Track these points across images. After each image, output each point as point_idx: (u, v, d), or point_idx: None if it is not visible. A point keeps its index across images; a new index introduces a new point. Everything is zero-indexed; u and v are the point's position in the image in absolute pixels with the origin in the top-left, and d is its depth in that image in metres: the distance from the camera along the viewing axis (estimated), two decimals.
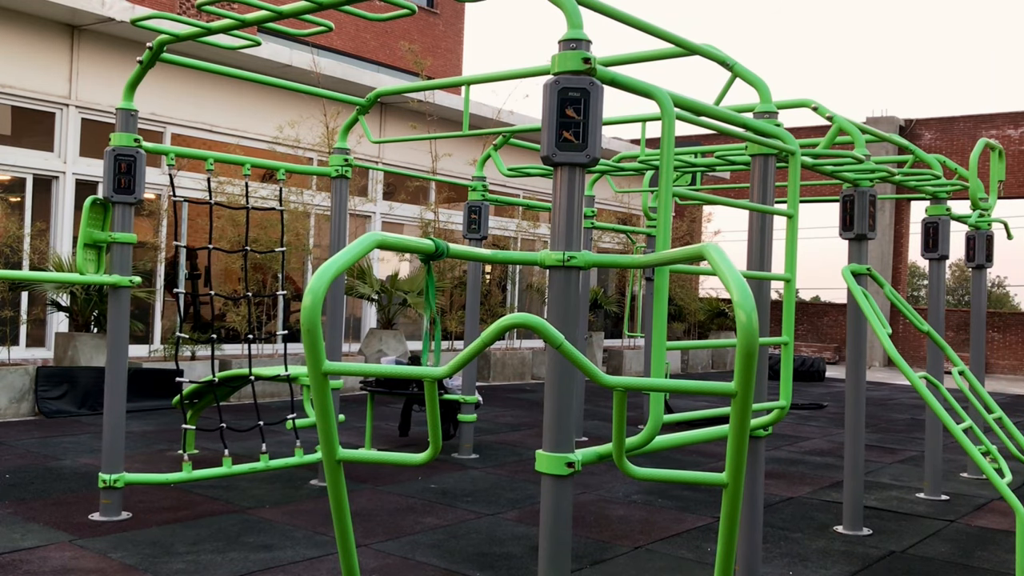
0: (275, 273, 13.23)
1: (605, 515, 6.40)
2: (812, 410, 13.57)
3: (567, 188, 3.24)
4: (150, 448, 8.26)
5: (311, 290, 2.32)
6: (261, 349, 13.17)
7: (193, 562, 4.97)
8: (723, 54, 4.49)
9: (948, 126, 24.05)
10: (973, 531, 6.38)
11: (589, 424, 10.69)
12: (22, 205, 12.18)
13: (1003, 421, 6.23)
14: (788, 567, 5.35)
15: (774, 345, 4.21)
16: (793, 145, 4.37)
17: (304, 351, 2.38)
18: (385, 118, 16.42)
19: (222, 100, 14.02)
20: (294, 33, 5.72)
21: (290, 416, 6.85)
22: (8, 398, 9.76)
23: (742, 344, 2.28)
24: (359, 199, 15.69)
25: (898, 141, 6.80)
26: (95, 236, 5.86)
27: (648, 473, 3.27)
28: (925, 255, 7.74)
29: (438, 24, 23.57)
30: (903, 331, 22.74)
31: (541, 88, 3.22)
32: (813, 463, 8.90)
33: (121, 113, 5.85)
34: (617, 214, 20.23)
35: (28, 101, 12.20)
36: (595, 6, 3.64)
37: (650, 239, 11.00)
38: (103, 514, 5.79)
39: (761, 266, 4.48)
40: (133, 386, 7.99)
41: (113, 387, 5.86)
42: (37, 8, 11.80)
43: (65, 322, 11.83)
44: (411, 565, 5.07)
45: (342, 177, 7.08)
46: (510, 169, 8.40)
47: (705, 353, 20.03)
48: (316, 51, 15.03)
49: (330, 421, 2.47)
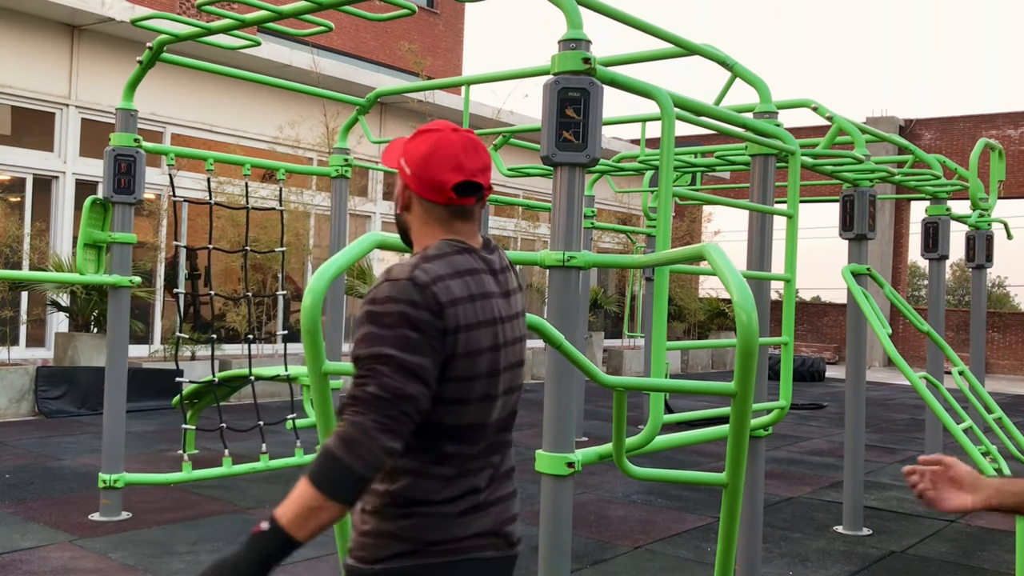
0: (275, 273, 13.23)
1: (605, 515, 6.40)
2: (812, 410, 13.57)
3: (567, 188, 3.24)
4: (150, 448, 8.26)
5: (311, 290, 2.32)
6: (261, 349, 13.17)
7: (193, 562, 4.97)
8: (723, 54, 4.49)
9: (948, 126, 24.05)
10: (973, 531, 6.38)
11: (589, 424, 10.69)
12: (22, 205, 12.17)
13: (1003, 421, 6.23)
14: (788, 567, 5.35)
15: (774, 345, 4.21)
16: (793, 145, 4.37)
17: (304, 351, 2.38)
18: (385, 118, 16.42)
19: (222, 100, 14.02)
20: (294, 33, 5.72)
21: (290, 416, 6.85)
22: (8, 398, 9.76)
23: (742, 344, 2.28)
24: (359, 199, 15.69)
25: (898, 141, 6.80)
26: (95, 236, 5.86)
27: (648, 473, 3.28)
28: (925, 255, 7.74)
29: (438, 24, 23.57)
30: (903, 331, 22.74)
31: (541, 88, 3.21)
32: (813, 463, 8.90)
33: (121, 113, 5.84)
34: (617, 214, 20.23)
35: (28, 101, 12.20)
36: (595, 6, 3.64)
37: (650, 239, 11.00)
38: (103, 514, 5.79)
39: (761, 266, 4.48)
40: (133, 386, 7.99)
41: (113, 387, 5.86)
42: (37, 8, 11.79)
43: (65, 322, 11.83)
44: None
45: (342, 177, 7.08)
46: (510, 169, 8.40)
47: (705, 353, 20.02)
48: (316, 51, 15.03)
49: (330, 421, 2.47)
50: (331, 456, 1.66)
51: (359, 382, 1.72)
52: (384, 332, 1.73)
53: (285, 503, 1.69)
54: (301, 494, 1.67)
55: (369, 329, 1.75)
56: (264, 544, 1.66)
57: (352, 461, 1.65)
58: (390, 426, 1.69)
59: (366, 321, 1.76)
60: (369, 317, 1.76)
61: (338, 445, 1.66)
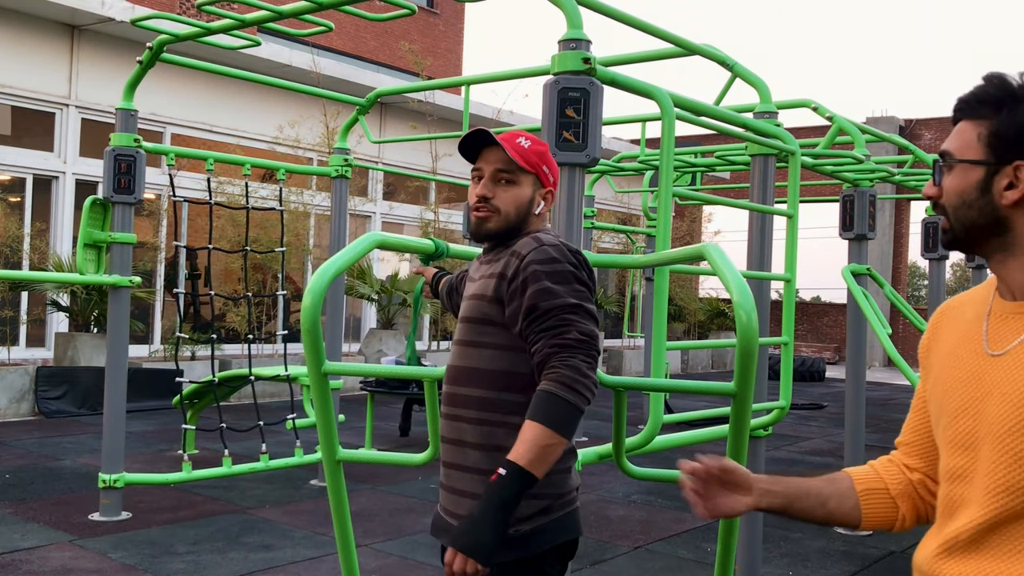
0: (275, 273, 13.22)
1: (605, 515, 6.40)
2: (812, 410, 13.57)
3: (567, 188, 3.24)
4: (150, 448, 8.26)
5: (311, 290, 2.32)
6: (261, 349, 13.17)
7: (193, 562, 4.97)
8: (723, 54, 4.49)
9: (948, 126, 23.97)
10: None
11: (589, 424, 10.68)
12: (22, 205, 12.17)
13: None
14: (788, 567, 5.35)
15: (774, 345, 4.21)
16: (793, 145, 4.37)
17: (304, 351, 2.38)
18: (385, 118, 16.42)
19: (222, 100, 14.02)
20: (294, 33, 5.72)
21: (290, 416, 6.85)
22: (8, 398, 9.76)
23: (742, 344, 2.28)
24: (359, 199, 15.68)
25: (898, 141, 6.80)
26: (95, 236, 5.86)
27: (648, 473, 3.28)
28: (925, 255, 7.74)
29: (438, 24, 23.57)
30: (903, 331, 22.73)
31: (541, 88, 3.21)
32: (813, 463, 8.90)
33: (121, 113, 5.84)
34: (617, 214, 20.22)
35: (28, 101, 12.20)
36: (595, 6, 3.64)
37: (650, 239, 10.99)
38: (103, 514, 5.79)
39: (761, 266, 4.48)
40: (133, 386, 7.99)
41: (113, 387, 5.86)
42: (37, 8, 11.79)
43: (65, 322, 11.83)
44: (411, 565, 5.07)
45: (342, 177, 7.08)
46: None
47: (705, 353, 20.02)
48: (316, 51, 15.02)
49: (330, 421, 2.47)
50: (556, 398, 1.95)
51: (561, 330, 2.01)
52: (561, 287, 2.06)
53: (517, 448, 1.93)
54: (535, 436, 1.93)
55: (546, 284, 2.05)
56: (507, 486, 1.91)
57: (577, 399, 1.95)
58: (593, 364, 2.01)
59: (542, 278, 2.06)
60: (545, 276, 2.07)
61: (560, 388, 1.95)
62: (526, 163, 2.21)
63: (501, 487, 1.91)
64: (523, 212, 2.23)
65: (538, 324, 2.03)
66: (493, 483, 1.92)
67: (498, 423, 2.11)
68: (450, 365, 2.25)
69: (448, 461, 2.22)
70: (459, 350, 2.22)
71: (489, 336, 2.15)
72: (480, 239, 2.28)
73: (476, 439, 2.14)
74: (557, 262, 2.07)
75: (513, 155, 2.20)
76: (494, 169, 2.23)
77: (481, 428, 2.13)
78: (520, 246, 2.14)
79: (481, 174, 2.25)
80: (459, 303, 2.46)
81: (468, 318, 2.20)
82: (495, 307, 2.13)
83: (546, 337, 2.01)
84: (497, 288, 2.13)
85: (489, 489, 1.93)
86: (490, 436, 2.12)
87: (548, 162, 2.28)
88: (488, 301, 2.15)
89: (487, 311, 2.15)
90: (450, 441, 2.21)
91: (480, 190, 2.23)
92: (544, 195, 2.27)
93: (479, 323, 2.17)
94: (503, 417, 2.11)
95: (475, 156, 2.27)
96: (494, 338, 2.14)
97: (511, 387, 2.12)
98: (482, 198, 2.22)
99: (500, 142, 2.21)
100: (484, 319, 2.15)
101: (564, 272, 2.06)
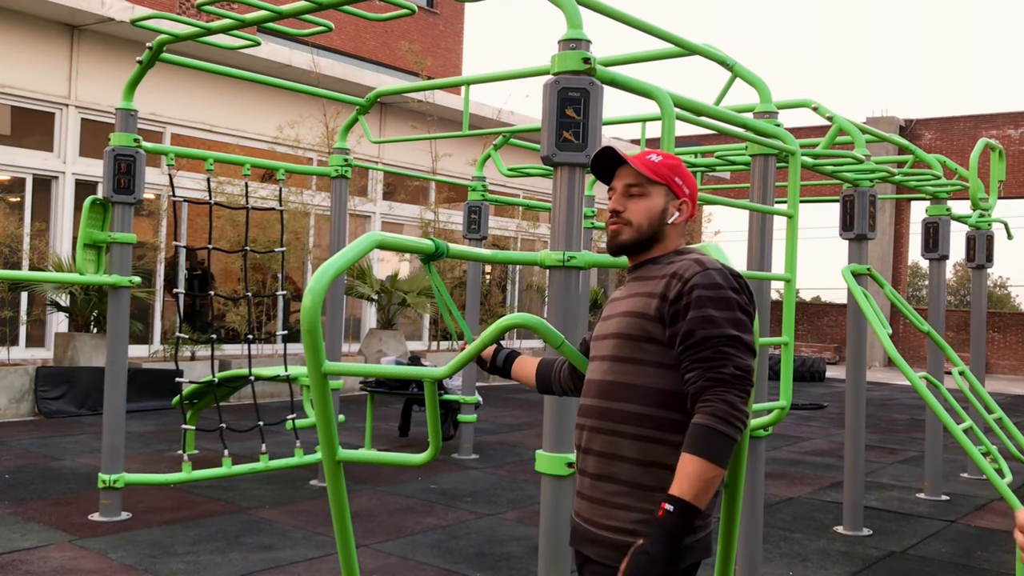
0: (275, 273, 13.22)
1: None
2: (812, 410, 13.56)
3: (567, 188, 3.24)
4: (150, 448, 8.26)
5: (311, 290, 2.31)
6: (261, 349, 13.17)
7: (193, 562, 4.97)
8: (723, 54, 4.49)
9: (948, 126, 24.04)
10: (973, 531, 6.38)
11: None
12: (22, 205, 12.17)
13: (1003, 421, 6.23)
14: (788, 567, 5.35)
15: (774, 345, 4.21)
16: (793, 145, 4.36)
17: (304, 351, 2.38)
18: (385, 118, 16.42)
19: (222, 100, 14.02)
20: (294, 33, 5.71)
21: (290, 416, 6.84)
22: (8, 398, 9.76)
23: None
24: (359, 199, 15.68)
25: (898, 141, 6.80)
26: (95, 236, 5.85)
27: None
28: (925, 255, 7.74)
29: (438, 24, 23.56)
30: (903, 331, 22.73)
31: (541, 88, 3.21)
32: (813, 463, 8.89)
33: (121, 113, 5.84)
34: None
35: (28, 101, 12.20)
36: (595, 6, 3.63)
37: None
38: (103, 514, 5.79)
39: (761, 266, 4.48)
40: (133, 386, 7.99)
41: (113, 387, 5.86)
42: (37, 8, 11.79)
43: (65, 322, 11.82)
44: (411, 565, 5.07)
45: (342, 177, 7.08)
46: (510, 169, 8.40)
47: None
48: (316, 51, 15.02)
49: (330, 421, 2.46)
50: (714, 432, 2.00)
51: (717, 364, 2.05)
52: (722, 314, 2.09)
53: (679, 483, 2.00)
54: (698, 470, 1.99)
55: (709, 312, 2.07)
56: (677, 521, 1.98)
57: (732, 432, 2.01)
58: (746, 398, 2.07)
59: (706, 304, 2.08)
60: (709, 301, 2.09)
61: (717, 422, 2.01)
62: (655, 175, 2.26)
63: (672, 522, 1.98)
64: (655, 222, 2.27)
65: (694, 352, 2.07)
66: (661, 518, 1.99)
67: (658, 440, 2.14)
68: (599, 380, 2.25)
69: (595, 473, 2.22)
70: (612, 365, 2.22)
71: (649, 354, 2.16)
72: (615, 252, 2.32)
73: (634, 454, 2.15)
74: (720, 288, 2.10)
75: (641, 168, 2.25)
76: (624, 184, 2.29)
77: (640, 444, 2.15)
78: (682, 268, 2.15)
79: (615, 192, 2.32)
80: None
81: (624, 334, 2.20)
82: (658, 326, 2.15)
83: (701, 369, 2.05)
84: (659, 308, 2.14)
85: (658, 524, 1.99)
86: (649, 452, 2.14)
87: (681, 174, 2.30)
88: (650, 320, 2.16)
89: (649, 329, 2.16)
90: (598, 454, 2.21)
91: (612, 204, 2.30)
92: (679, 205, 2.30)
93: (638, 340, 2.17)
94: (664, 435, 2.13)
95: (610, 176, 2.33)
96: (655, 356, 2.16)
97: (672, 405, 2.14)
98: (614, 212, 2.29)
99: (628, 160, 2.27)
100: (645, 336, 2.16)
101: (728, 299, 2.10)
